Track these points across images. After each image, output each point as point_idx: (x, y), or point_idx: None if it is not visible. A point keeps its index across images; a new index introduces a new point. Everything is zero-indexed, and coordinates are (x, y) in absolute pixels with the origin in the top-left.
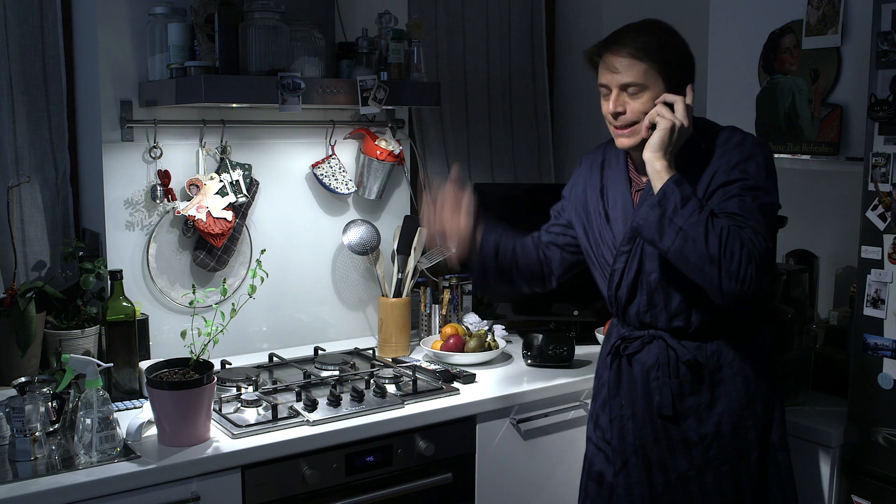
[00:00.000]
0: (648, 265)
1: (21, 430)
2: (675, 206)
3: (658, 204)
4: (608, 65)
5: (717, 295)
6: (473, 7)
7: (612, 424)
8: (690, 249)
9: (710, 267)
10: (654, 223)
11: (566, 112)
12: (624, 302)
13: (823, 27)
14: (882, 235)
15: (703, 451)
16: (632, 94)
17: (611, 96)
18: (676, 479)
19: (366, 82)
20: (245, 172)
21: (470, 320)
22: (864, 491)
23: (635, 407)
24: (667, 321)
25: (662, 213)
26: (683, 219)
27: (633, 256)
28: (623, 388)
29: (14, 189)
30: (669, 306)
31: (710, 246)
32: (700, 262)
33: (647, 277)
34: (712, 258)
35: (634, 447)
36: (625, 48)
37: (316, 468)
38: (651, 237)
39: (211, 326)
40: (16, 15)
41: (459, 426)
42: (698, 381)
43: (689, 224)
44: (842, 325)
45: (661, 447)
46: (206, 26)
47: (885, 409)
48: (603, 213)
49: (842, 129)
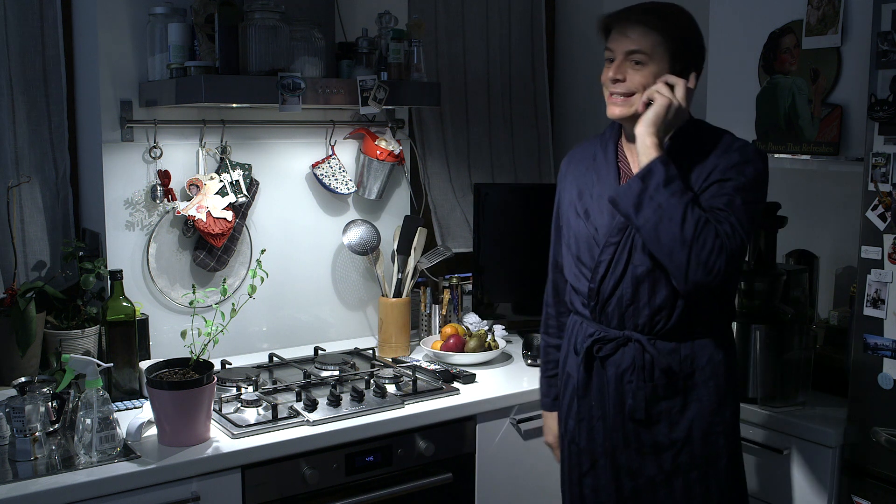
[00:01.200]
0: (637, 257)
1: (21, 430)
2: (658, 184)
3: (641, 178)
4: (621, 29)
5: (682, 281)
6: (473, 7)
7: (580, 425)
8: (665, 229)
9: (680, 250)
10: (634, 196)
11: (566, 112)
12: (606, 296)
13: (823, 27)
14: (882, 235)
15: (673, 457)
16: (635, 65)
17: (614, 62)
18: (645, 483)
19: (366, 82)
20: (245, 172)
21: (470, 320)
22: (864, 491)
23: (605, 409)
24: (648, 317)
25: (644, 188)
26: (664, 197)
27: (622, 248)
28: (593, 389)
29: (14, 189)
30: (653, 301)
31: (686, 229)
32: (672, 243)
33: (634, 270)
34: (685, 241)
35: (604, 449)
36: (643, 15)
37: (316, 468)
38: (627, 209)
39: (211, 326)
40: (16, 15)
41: (459, 426)
42: (672, 386)
43: (669, 204)
44: (842, 325)
45: (631, 451)
46: (206, 26)
47: (885, 409)
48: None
49: (842, 129)
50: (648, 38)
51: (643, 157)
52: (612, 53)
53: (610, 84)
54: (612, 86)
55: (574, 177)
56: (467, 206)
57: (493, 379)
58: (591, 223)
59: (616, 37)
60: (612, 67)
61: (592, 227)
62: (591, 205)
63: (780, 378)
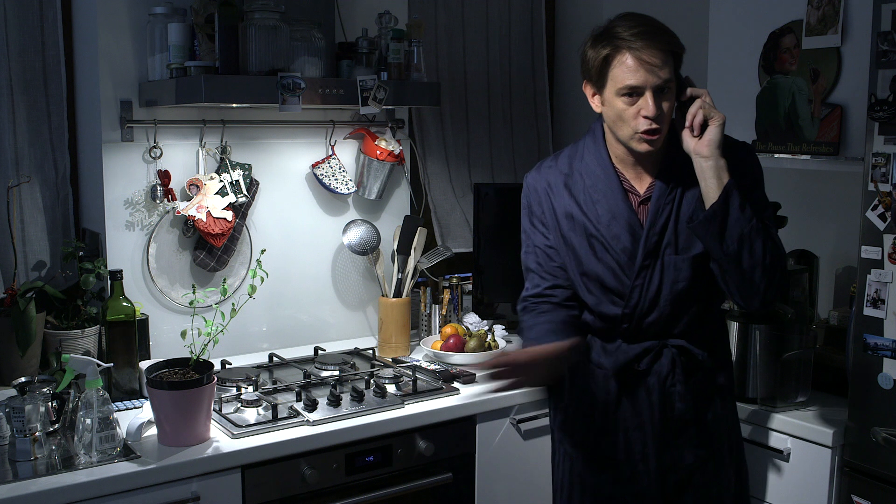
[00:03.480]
0: (673, 275)
1: (21, 430)
2: (737, 210)
3: (724, 205)
4: (646, 62)
5: (758, 303)
6: (473, 7)
7: (615, 439)
8: (747, 255)
9: (760, 276)
10: (717, 225)
11: (566, 112)
12: (642, 315)
13: (823, 27)
14: (882, 235)
15: (707, 443)
16: (664, 94)
17: (643, 97)
18: (685, 471)
19: (366, 82)
20: (245, 172)
21: (470, 320)
22: (864, 491)
23: (642, 417)
24: (686, 325)
25: (726, 215)
26: (745, 223)
27: (653, 269)
28: (624, 401)
29: (14, 189)
30: (691, 310)
31: (766, 256)
32: (751, 268)
33: (674, 286)
34: (765, 267)
35: (643, 455)
36: (662, 42)
37: (316, 468)
38: (711, 239)
39: (211, 326)
40: (16, 15)
41: (459, 426)
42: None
43: (749, 229)
44: (842, 325)
45: (672, 448)
46: (206, 26)
47: (885, 409)
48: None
49: (842, 129)
50: (669, 66)
51: (714, 181)
52: (640, 89)
53: (647, 123)
54: (650, 124)
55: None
56: (467, 206)
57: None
58: (612, 250)
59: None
60: (649, 103)
61: (615, 253)
62: (605, 231)
63: (780, 378)
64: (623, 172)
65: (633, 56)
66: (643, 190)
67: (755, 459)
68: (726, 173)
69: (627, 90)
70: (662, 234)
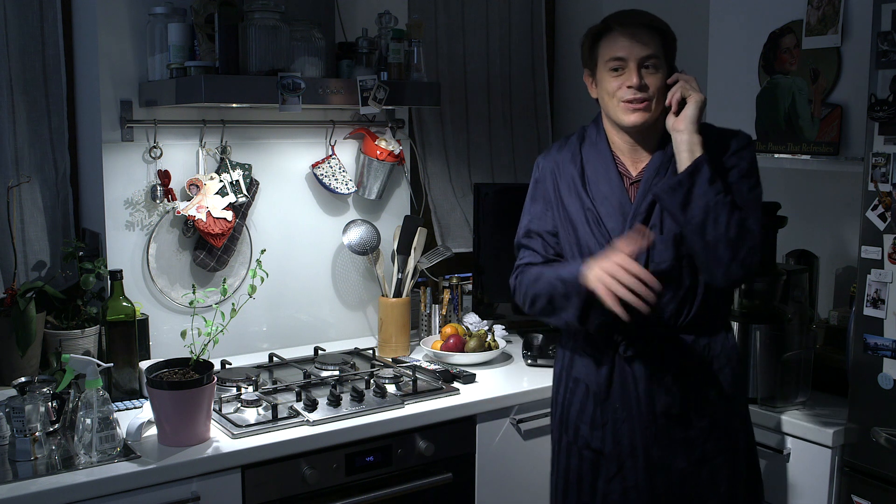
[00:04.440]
0: (658, 255)
1: (21, 430)
2: (705, 182)
3: (690, 175)
4: (630, 34)
5: (721, 277)
6: (473, 7)
7: (602, 430)
8: (711, 227)
9: (724, 248)
10: (683, 194)
11: (566, 112)
12: None
13: (823, 27)
14: (882, 235)
15: (701, 446)
16: (649, 70)
17: (628, 69)
18: (676, 476)
19: (366, 82)
20: (245, 172)
21: (470, 320)
22: (864, 491)
23: (631, 409)
24: (673, 312)
25: (692, 185)
26: (710, 196)
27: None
28: (614, 391)
29: (14, 189)
30: (676, 294)
31: (730, 229)
32: (715, 241)
33: (656, 267)
34: (729, 240)
35: (631, 449)
36: (646, 19)
37: (316, 468)
38: (674, 206)
39: (211, 326)
40: (16, 15)
41: (459, 426)
42: (697, 376)
43: (716, 202)
44: (842, 325)
45: (663, 446)
46: (206, 26)
47: (885, 409)
48: (595, 212)
49: (842, 129)
50: (656, 41)
51: (686, 154)
52: (624, 61)
53: (631, 92)
54: (634, 93)
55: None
56: (467, 206)
57: (493, 379)
58: (603, 229)
59: (627, 43)
60: (632, 74)
61: (606, 232)
62: (599, 207)
63: (780, 378)
64: (619, 157)
65: (619, 31)
66: (635, 173)
67: None
68: (699, 148)
69: (614, 62)
70: (649, 215)
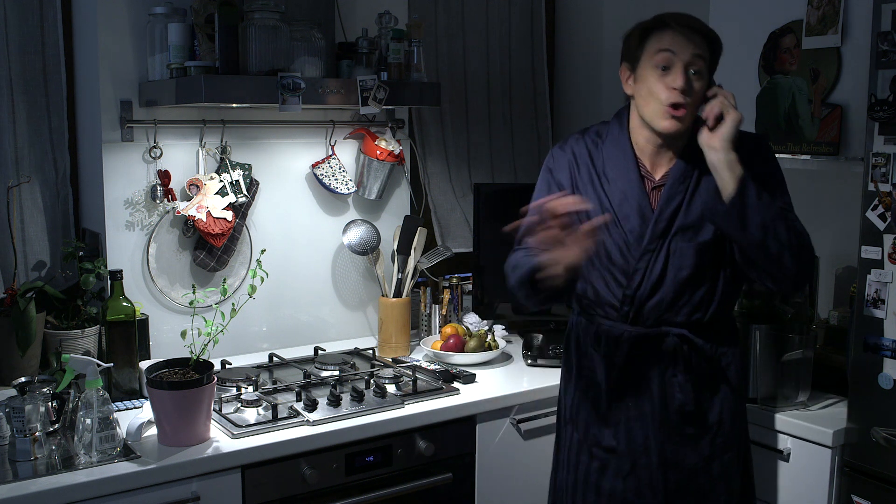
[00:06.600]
0: (678, 261)
1: (21, 430)
2: (754, 200)
3: (740, 197)
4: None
5: (790, 284)
6: (473, 7)
7: (617, 428)
8: (772, 241)
9: (789, 258)
10: (737, 217)
11: (566, 112)
12: (643, 299)
13: (823, 27)
14: (882, 235)
15: (710, 441)
16: (695, 74)
17: (674, 69)
18: (688, 472)
19: (366, 82)
20: (245, 172)
21: (470, 320)
22: (864, 491)
23: (643, 407)
24: (687, 315)
25: (744, 207)
26: (765, 211)
27: (658, 254)
28: (628, 390)
29: (14, 189)
30: (693, 299)
31: (791, 238)
32: (779, 253)
33: (677, 273)
34: (792, 249)
35: (644, 447)
36: (699, 23)
37: (316, 468)
38: (733, 229)
39: (211, 326)
40: (16, 15)
41: (459, 426)
42: (708, 373)
43: (771, 217)
44: (842, 325)
45: (675, 443)
46: (206, 26)
47: (885, 409)
48: (612, 213)
49: (842, 129)
50: (704, 48)
51: (727, 173)
52: (673, 56)
53: (675, 94)
54: (678, 96)
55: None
56: (467, 206)
57: (493, 379)
58: (621, 230)
59: (680, 40)
60: (678, 75)
61: (623, 231)
62: (616, 208)
63: (780, 378)
64: (641, 159)
65: (673, 28)
66: (658, 177)
67: (755, 459)
68: (739, 165)
69: (663, 55)
70: (672, 220)
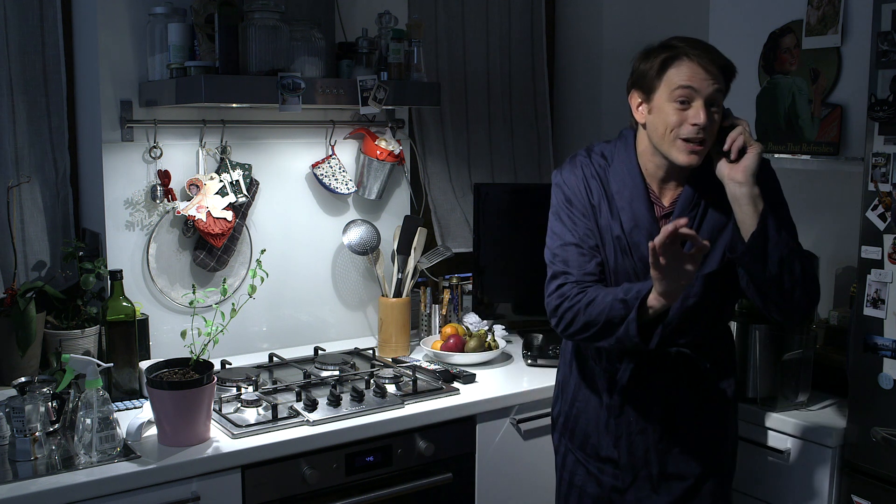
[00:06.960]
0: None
1: (21, 430)
2: (775, 235)
3: (763, 232)
4: (704, 67)
5: (798, 316)
6: (473, 7)
7: (618, 441)
8: (787, 276)
9: (800, 292)
10: (759, 253)
11: (566, 112)
12: None
13: (823, 27)
14: (882, 235)
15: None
16: (712, 110)
17: (694, 104)
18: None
19: (366, 82)
20: (245, 172)
21: (470, 320)
22: (864, 491)
23: (646, 422)
24: (691, 337)
25: (765, 242)
26: (783, 247)
27: None
28: (629, 405)
29: (14, 189)
30: (698, 322)
31: (804, 272)
32: (792, 287)
33: (683, 303)
34: (804, 284)
35: (645, 461)
36: (717, 55)
37: (316, 468)
38: (754, 266)
39: (211, 326)
40: (16, 15)
41: (459, 426)
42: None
43: (787, 251)
44: (842, 325)
45: (677, 454)
46: (206, 26)
47: (885, 409)
48: (624, 240)
49: (842, 129)
50: (721, 80)
51: (749, 207)
52: (695, 93)
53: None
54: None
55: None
56: (467, 206)
57: (493, 379)
58: (632, 259)
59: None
60: (700, 111)
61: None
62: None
63: (780, 378)
64: (650, 184)
65: (692, 60)
66: (667, 203)
67: (755, 459)
68: (761, 200)
69: (683, 91)
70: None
